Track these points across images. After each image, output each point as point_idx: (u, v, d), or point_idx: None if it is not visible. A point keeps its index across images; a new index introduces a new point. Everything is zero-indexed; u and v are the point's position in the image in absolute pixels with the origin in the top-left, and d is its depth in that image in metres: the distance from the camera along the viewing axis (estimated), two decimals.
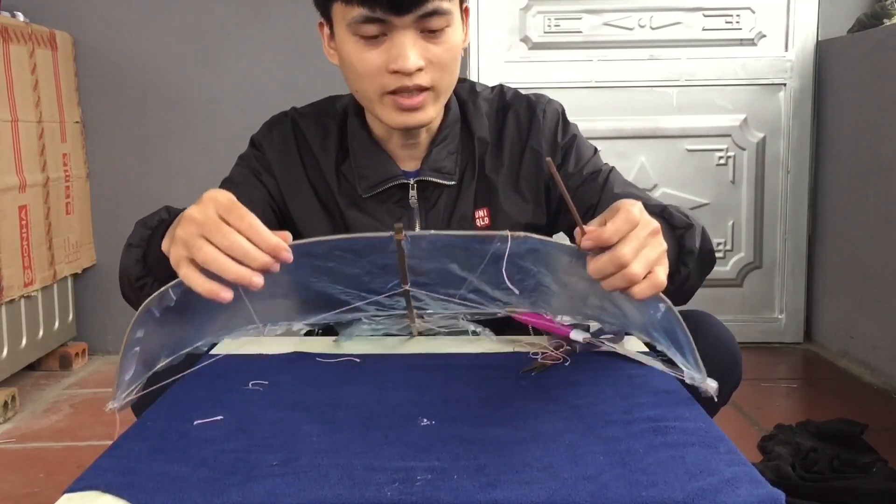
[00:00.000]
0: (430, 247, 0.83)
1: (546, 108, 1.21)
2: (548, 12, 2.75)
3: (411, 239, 0.82)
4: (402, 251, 0.84)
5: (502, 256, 0.81)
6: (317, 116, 1.21)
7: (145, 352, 0.85)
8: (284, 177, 1.18)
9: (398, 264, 0.86)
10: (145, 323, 0.81)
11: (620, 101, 2.79)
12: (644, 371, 0.94)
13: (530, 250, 0.82)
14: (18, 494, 1.77)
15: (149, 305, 0.80)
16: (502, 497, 0.63)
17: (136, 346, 0.82)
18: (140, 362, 0.84)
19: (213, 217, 0.77)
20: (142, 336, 0.81)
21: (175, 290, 0.79)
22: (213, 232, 0.76)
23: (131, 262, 0.98)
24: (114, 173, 2.79)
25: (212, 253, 0.75)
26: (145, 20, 2.74)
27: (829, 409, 2.16)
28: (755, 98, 2.80)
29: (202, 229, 0.77)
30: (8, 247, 2.27)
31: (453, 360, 0.99)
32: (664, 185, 2.82)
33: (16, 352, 2.38)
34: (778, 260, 2.87)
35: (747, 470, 0.67)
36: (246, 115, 2.70)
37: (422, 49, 1.04)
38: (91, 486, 0.65)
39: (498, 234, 0.79)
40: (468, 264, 0.86)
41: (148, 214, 1.01)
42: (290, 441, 0.74)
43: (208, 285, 0.76)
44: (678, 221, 1.00)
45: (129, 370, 0.83)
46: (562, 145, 1.20)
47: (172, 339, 0.90)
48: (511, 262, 0.81)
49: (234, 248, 0.75)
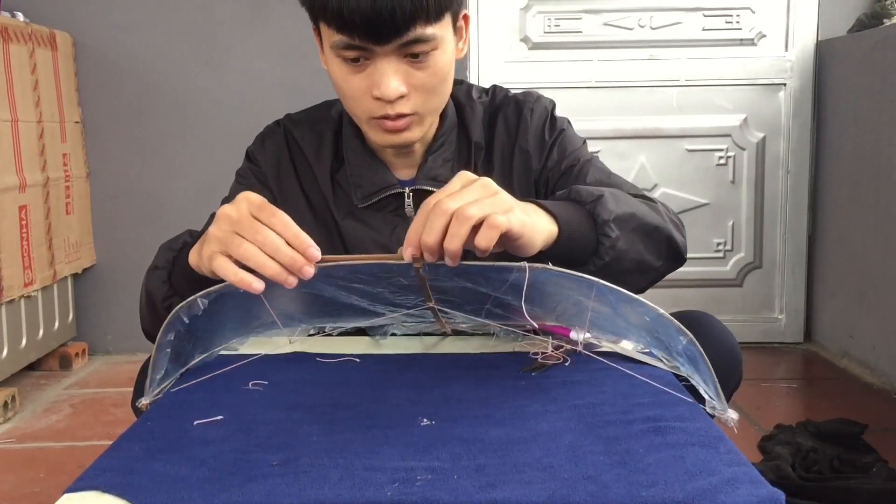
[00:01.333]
0: (447, 272, 0.84)
1: (534, 106, 1.19)
2: (548, 12, 2.75)
3: (429, 267, 0.82)
4: (422, 277, 0.85)
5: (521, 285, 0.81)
6: (311, 123, 1.20)
7: (176, 349, 0.89)
8: (279, 188, 1.18)
9: (420, 286, 0.88)
10: (175, 327, 0.86)
11: (620, 101, 2.79)
12: (644, 371, 0.94)
13: (550, 278, 0.83)
14: (18, 494, 1.77)
15: (178, 312, 0.84)
16: (502, 497, 0.63)
17: (168, 348, 0.87)
18: (171, 360, 0.89)
19: (247, 215, 0.81)
20: (172, 339, 0.87)
21: (203, 300, 0.84)
22: (247, 229, 0.80)
23: (157, 283, 1.01)
24: (114, 173, 2.79)
25: (251, 249, 0.79)
26: (145, 20, 2.74)
27: (829, 409, 2.16)
28: (755, 98, 2.80)
29: (237, 227, 0.80)
30: (8, 247, 2.27)
31: (453, 360, 0.99)
32: (664, 185, 2.82)
33: (16, 352, 2.38)
34: (778, 260, 2.87)
35: (747, 470, 0.67)
36: (246, 116, 2.70)
37: (404, 75, 1.02)
38: (91, 486, 0.65)
39: (516, 265, 0.80)
40: (489, 286, 0.86)
41: (171, 238, 1.03)
42: (290, 441, 0.74)
43: (241, 275, 0.79)
44: (585, 195, 0.97)
45: (161, 369, 0.88)
46: (549, 142, 1.18)
47: (204, 338, 0.94)
48: (533, 286, 0.82)
49: (267, 243, 0.79)
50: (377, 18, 0.98)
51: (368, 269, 0.84)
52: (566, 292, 0.87)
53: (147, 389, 0.89)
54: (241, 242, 0.79)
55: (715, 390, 0.82)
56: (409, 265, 0.81)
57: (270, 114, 1.28)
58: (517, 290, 0.82)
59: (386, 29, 0.99)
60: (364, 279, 0.87)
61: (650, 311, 0.81)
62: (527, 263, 0.80)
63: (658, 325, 0.84)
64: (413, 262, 0.81)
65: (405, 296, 0.91)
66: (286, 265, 0.79)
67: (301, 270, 0.79)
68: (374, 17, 0.97)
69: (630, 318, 0.87)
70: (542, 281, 0.83)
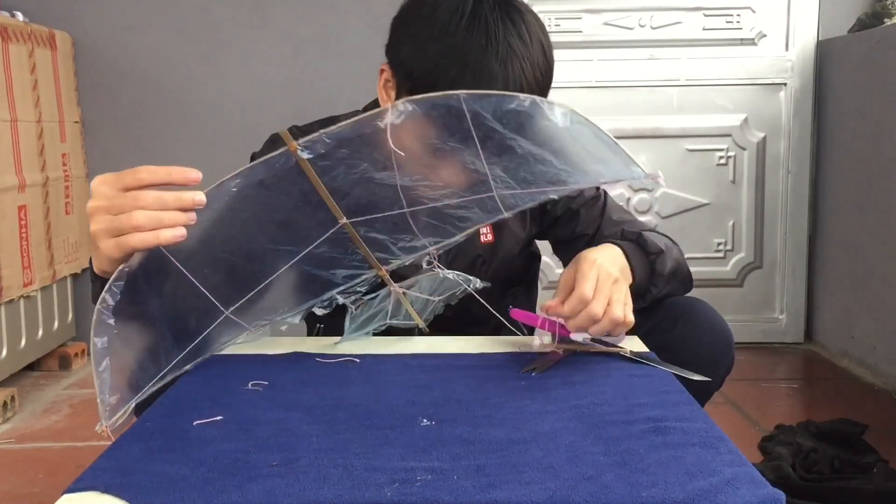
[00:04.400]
0: (332, 150, 0.81)
1: None
2: (548, 12, 2.74)
3: (305, 147, 0.80)
4: (309, 169, 0.82)
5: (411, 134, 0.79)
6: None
7: (124, 365, 0.84)
8: None
9: (317, 192, 0.84)
10: (104, 330, 0.81)
11: (620, 101, 2.79)
12: (644, 371, 0.94)
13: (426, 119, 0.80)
14: (18, 495, 1.77)
15: (100, 310, 0.81)
16: (502, 497, 0.63)
17: (105, 358, 0.81)
18: (121, 378, 0.83)
19: (115, 193, 0.80)
20: (106, 347, 0.81)
21: (117, 283, 0.81)
22: (124, 203, 0.80)
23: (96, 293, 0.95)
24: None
25: (140, 216, 0.79)
26: (145, 20, 2.73)
27: (830, 409, 2.16)
28: (755, 98, 2.80)
29: (113, 208, 0.80)
30: (7, 247, 2.27)
31: (453, 360, 0.99)
32: (664, 185, 2.82)
33: (15, 352, 2.38)
34: (778, 260, 2.87)
35: (748, 470, 0.67)
36: (246, 116, 2.70)
37: None
38: (90, 487, 0.65)
39: (383, 108, 0.79)
40: (381, 163, 0.83)
41: None
42: (289, 441, 0.74)
43: (160, 233, 0.79)
44: (651, 248, 1.10)
45: (106, 388, 0.81)
46: None
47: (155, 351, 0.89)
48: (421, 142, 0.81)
49: (149, 201, 0.79)
50: None
51: (253, 175, 0.82)
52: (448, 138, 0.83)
53: (101, 412, 0.81)
54: (129, 216, 0.79)
55: (624, 154, 0.83)
56: (289, 156, 0.80)
57: (270, 114, 1.28)
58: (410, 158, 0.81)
59: None
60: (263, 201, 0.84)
61: (521, 102, 0.79)
62: (399, 101, 0.77)
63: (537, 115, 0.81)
64: (286, 144, 0.80)
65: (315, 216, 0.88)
66: (178, 207, 0.79)
67: (193, 200, 0.80)
68: None
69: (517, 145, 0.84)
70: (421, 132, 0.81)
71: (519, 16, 0.99)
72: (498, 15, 0.97)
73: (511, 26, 0.97)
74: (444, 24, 0.96)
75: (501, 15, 0.97)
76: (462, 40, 0.95)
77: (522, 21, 0.98)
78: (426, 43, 0.97)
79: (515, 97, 0.79)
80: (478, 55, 0.95)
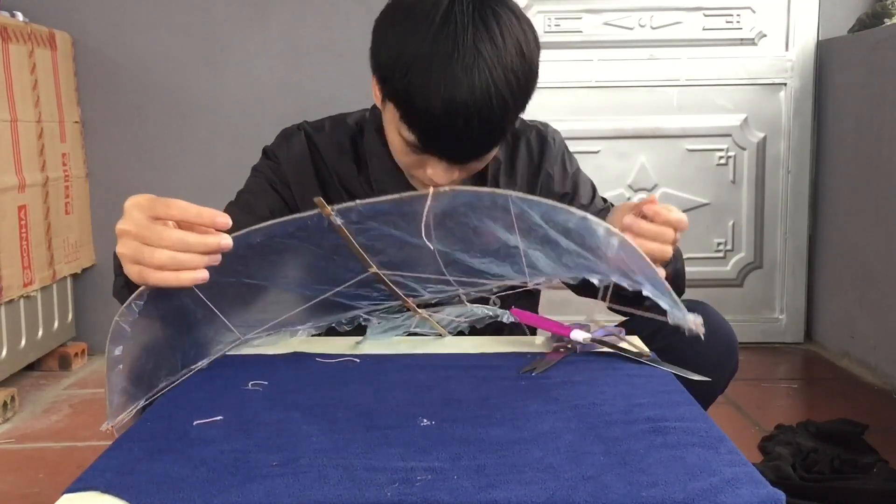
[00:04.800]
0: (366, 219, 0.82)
1: (555, 136, 1.26)
2: (548, 12, 2.75)
3: (339, 213, 0.81)
4: (343, 230, 0.82)
5: (449, 215, 0.80)
6: (330, 130, 1.21)
7: (136, 370, 0.86)
8: (300, 188, 1.18)
9: (347, 246, 0.85)
10: (121, 338, 0.83)
11: (620, 101, 2.79)
12: (644, 371, 0.94)
13: (467, 205, 0.81)
14: (18, 494, 1.77)
15: (118, 322, 0.83)
16: (502, 497, 0.63)
17: (119, 364, 0.84)
18: (131, 382, 0.85)
19: (144, 223, 0.81)
20: (121, 354, 0.84)
21: (137, 302, 0.83)
22: (150, 236, 0.80)
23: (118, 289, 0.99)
24: (113, 173, 2.79)
25: (164, 255, 0.79)
26: (145, 20, 2.73)
27: (830, 409, 2.16)
28: (755, 98, 2.80)
29: (140, 238, 0.80)
30: (7, 247, 2.27)
31: (453, 360, 0.99)
32: (664, 185, 2.82)
33: (15, 352, 2.38)
34: (778, 260, 2.87)
35: (748, 470, 0.67)
36: (246, 116, 2.71)
37: (460, 168, 1.05)
38: (91, 487, 0.65)
39: (422, 192, 0.79)
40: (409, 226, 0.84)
41: None
42: (290, 441, 0.74)
43: (182, 277, 0.80)
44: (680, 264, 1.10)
45: (116, 391, 0.84)
46: (570, 174, 1.25)
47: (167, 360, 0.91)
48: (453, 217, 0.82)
49: (174, 242, 0.79)
50: (457, 150, 1.00)
51: (283, 229, 0.83)
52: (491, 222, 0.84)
53: (108, 412, 0.85)
54: (153, 252, 0.79)
55: (669, 296, 0.81)
56: (321, 217, 0.81)
57: (270, 114, 1.28)
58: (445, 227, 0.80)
59: (463, 155, 1.01)
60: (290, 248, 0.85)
61: (571, 216, 0.79)
62: (431, 189, 0.79)
63: (584, 231, 0.82)
64: (321, 209, 0.80)
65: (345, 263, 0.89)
66: (202, 251, 0.79)
67: (219, 245, 0.80)
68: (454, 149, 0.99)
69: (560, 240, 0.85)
70: (459, 211, 0.81)
71: (494, 18, 0.97)
72: (469, 19, 0.95)
73: (483, 30, 0.95)
74: (414, 30, 0.96)
75: (473, 18, 0.95)
76: (429, 48, 0.95)
77: (497, 23, 0.96)
78: (397, 49, 0.98)
79: (565, 209, 0.80)
80: (443, 63, 0.94)
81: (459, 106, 0.94)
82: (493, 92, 0.95)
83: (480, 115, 0.95)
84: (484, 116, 0.95)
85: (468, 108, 0.94)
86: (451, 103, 0.94)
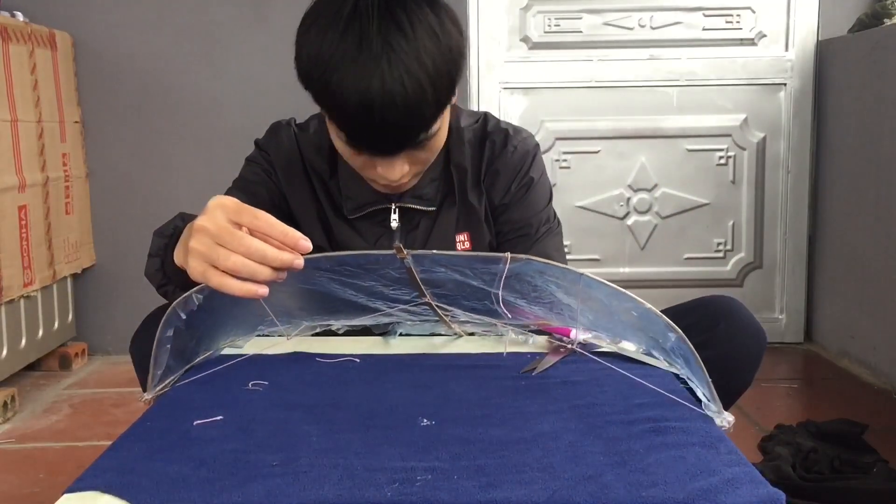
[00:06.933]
0: (433, 262, 0.85)
1: (518, 144, 1.23)
2: (548, 12, 2.74)
3: (413, 258, 0.84)
4: (410, 269, 0.85)
5: (510, 276, 0.83)
6: (314, 131, 1.22)
7: (178, 346, 0.89)
8: (287, 181, 1.21)
9: (410, 280, 0.88)
10: (173, 323, 0.86)
11: (620, 101, 2.79)
12: (644, 371, 0.94)
13: (538, 272, 0.84)
14: (18, 494, 1.77)
15: (175, 308, 0.85)
16: (502, 497, 0.63)
17: (168, 344, 0.87)
18: (172, 356, 0.89)
19: (225, 224, 0.80)
20: (171, 335, 0.87)
21: (198, 295, 0.84)
22: (229, 240, 0.79)
23: (152, 272, 1.02)
24: (113, 173, 2.79)
25: (239, 261, 0.78)
26: (145, 20, 2.73)
27: (830, 409, 2.16)
28: (755, 98, 2.80)
29: (218, 239, 0.79)
30: (7, 247, 2.27)
31: (453, 360, 0.99)
32: (664, 185, 2.82)
33: (15, 352, 2.38)
34: (778, 260, 2.87)
35: (748, 470, 0.67)
36: (245, 115, 2.70)
37: (408, 159, 1.05)
38: (91, 487, 0.65)
39: (500, 255, 0.82)
40: (477, 278, 0.87)
41: (164, 223, 1.03)
42: (290, 441, 0.74)
43: (245, 287, 0.79)
44: None
45: (162, 365, 0.89)
46: (516, 188, 1.22)
47: (207, 335, 0.96)
48: (521, 279, 0.84)
49: (253, 251, 0.78)
50: (383, 142, 1.00)
51: (355, 259, 0.86)
52: (554, 287, 0.87)
53: (149, 385, 0.90)
54: (228, 255, 0.79)
55: (709, 391, 0.82)
56: (394, 256, 0.83)
57: (270, 114, 1.29)
58: (507, 283, 0.83)
59: (391, 147, 1.01)
60: (352, 271, 0.88)
61: (638, 305, 0.81)
62: (509, 254, 0.81)
63: (646, 321, 0.84)
64: (397, 253, 0.82)
65: (399, 289, 0.92)
66: (276, 266, 0.79)
67: (293, 264, 0.80)
68: (380, 141, 1.00)
69: (621, 315, 0.88)
70: (528, 273, 0.84)
71: (402, 8, 0.97)
72: (375, 11, 0.96)
73: (390, 21, 0.96)
74: (324, 32, 0.97)
75: (380, 11, 0.96)
76: (338, 45, 0.96)
77: (405, 12, 0.97)
78: (311, 52, 0.99)
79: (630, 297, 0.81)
80: (352, 57, 0.95)
81: (374, 96, 0.94)
82: (407, 79, 0.95)
83: (397, 104, 0.95)
84: (401, 104, 0.95)
85: (382, 98, 0.94)
86: (364, 95, 0.94)
